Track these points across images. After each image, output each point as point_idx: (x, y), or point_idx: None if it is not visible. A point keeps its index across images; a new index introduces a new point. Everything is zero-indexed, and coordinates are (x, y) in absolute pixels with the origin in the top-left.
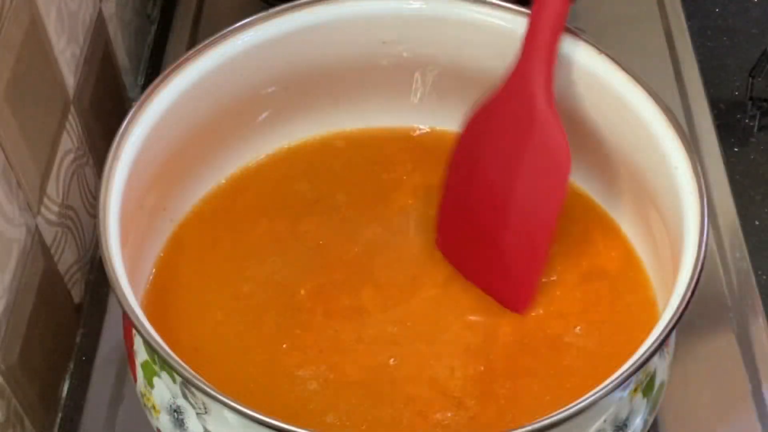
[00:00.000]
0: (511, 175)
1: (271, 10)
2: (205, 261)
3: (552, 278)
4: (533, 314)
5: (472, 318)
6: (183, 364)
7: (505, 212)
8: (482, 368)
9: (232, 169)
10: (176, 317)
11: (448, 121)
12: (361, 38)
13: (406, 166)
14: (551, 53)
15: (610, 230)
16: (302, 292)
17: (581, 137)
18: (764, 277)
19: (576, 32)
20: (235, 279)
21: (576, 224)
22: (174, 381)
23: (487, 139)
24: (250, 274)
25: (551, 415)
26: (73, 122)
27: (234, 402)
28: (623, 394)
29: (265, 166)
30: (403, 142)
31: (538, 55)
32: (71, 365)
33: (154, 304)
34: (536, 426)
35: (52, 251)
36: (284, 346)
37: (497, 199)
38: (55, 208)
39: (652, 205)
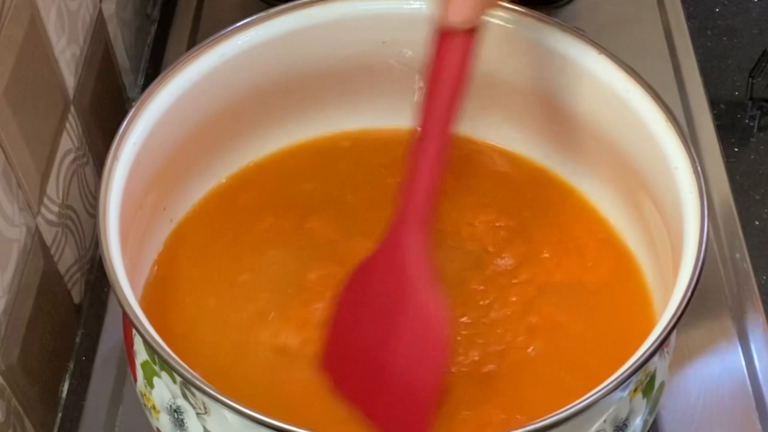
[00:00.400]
0: (391, 338)
1: (271, 10)
2: (205, 259)
3: (551, 280)
4: (533, 315)
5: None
6: (183, 364)
7: (388, 374)
8: (477, 358)
9: (232, 169)
10: (176, 316)
11: None
12: (361, 38)
13: None
14: (424, 222)
15: (609, 230)
16: (311, 276)
17: (581, 137)
18: (764, 277)
19: (576, 32)
20: (234, 272)
21: (574, 225)
22: (174, 381)
23: (367, 297)
24: (251, 267)
25: (551, 415)
26: (73, 122)
27: (234, 402)
28: (623, 394)
29: (268, 165)
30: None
31: (410, 218)
32: (71, 365)
33: (154, 304)
34: (536, 426)
35: (52, 251)
36: (284, 340)
37: (380, 357)
38: (55, 208)
39: (652, 205)
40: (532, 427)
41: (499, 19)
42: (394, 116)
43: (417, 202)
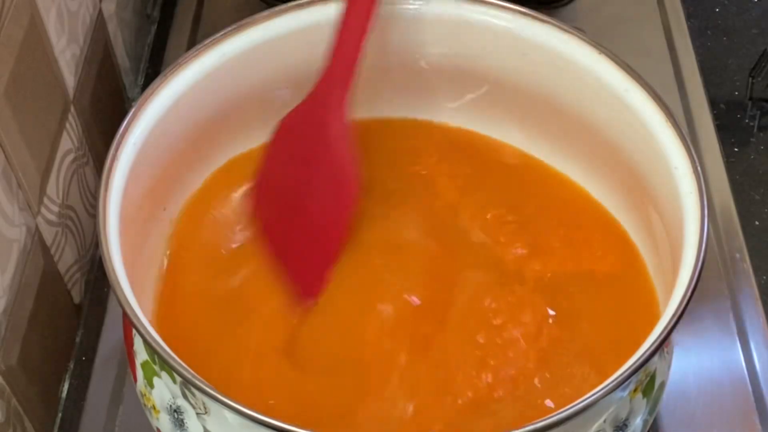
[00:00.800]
0: (306, 185)
1: (271, 10)
2: (205, 259)
3: (552, 276)
4: (533, 312)
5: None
6: (183, 364)
7: (302, 217)
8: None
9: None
10: (177, 316)
11: (453, 114)
12: None
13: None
14: (347, 81)
15: (611, 229)
16: None
17: (582, 137)
18: (764, 277)
19: (576, 32)
20: (234, 271)
21: (576, 223)
22: (174, 381)
23: (288, 148)
24: (251, 265)
25: (551, 415)
26: (73, 122)
27: (234, 402)
28: (623, 394)
29: None
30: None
31: (334, 80)
32: (71, 365)
33: (155, 303)
34: (536, 426)
35: (52, 251)
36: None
37: (297, 203)
38: (55, 208)
39: (652, 205)
40: (532, 427)
41: (499, 19)
42: (393, 112)
43: (342, 63)
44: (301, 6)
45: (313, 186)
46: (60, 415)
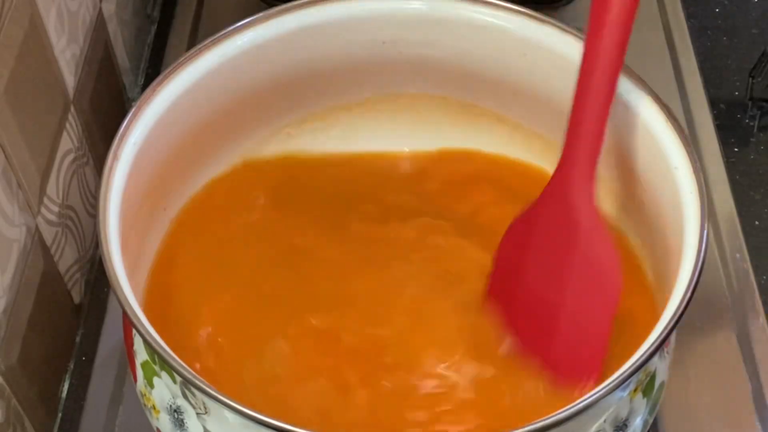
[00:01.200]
0: (557, 289)
1: (271, 10)
2: (205, 258)
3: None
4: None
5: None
6: (183, 364)
7: (555, 323)
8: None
9: (233, 168)
10: (176, 316)
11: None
12: (361, 38)
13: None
14: (595, 157)
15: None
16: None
17: None
18: (764, 277)
19: (576, 32)
20: (233, 270)
21: None
22: (174, 381)
23: (529, 251)
24: (250, 264)
25: (551, 415)
26: (73, 122)
27: (234, 402)
28: (623, 394)
29: (268, 164)
30: None
31: (579, 161)
32: (71, 365)
33: (154, 303)
34: (536, 426)
35: (52, 251)
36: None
37: (545, 310)
38: (55, 208)
39: (651, 205)
40: (532, 427)
41: (499, 19)
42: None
43: (585, 142)
44: (300, 6)
45: (568, 282)
46: (60, 415)
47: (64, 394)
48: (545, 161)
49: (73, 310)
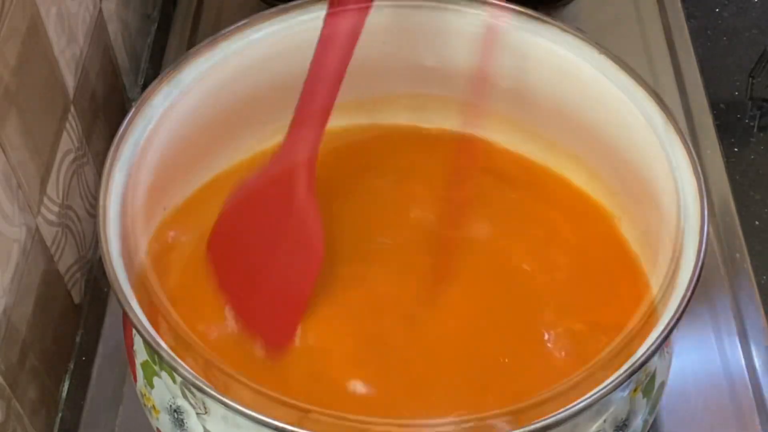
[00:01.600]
0: (269, 252)
1: (271, 10)
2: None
3: (552, 277)
4: (532, 313)
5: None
6: (183, 364)
7: (265, 283)
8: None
9: (233, 167)
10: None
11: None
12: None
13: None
14: (318, 136)
15: (610, 229)
16: None
17: (582, 137)
18: (764, 277)
19: (576, 32)
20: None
21: (577, 223)
22: (174, 381)
23: (249, 215)
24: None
25: (552, 414)
26: (73, 122)
27: (234, 402)
28: (623, 393)
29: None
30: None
31: (303, 138)
32: (71, 365)
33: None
34: (537, 426)
35: (52, 251)
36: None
37: (258, 271)
38: (55, 209)
39: (652, 205)
40: (532, 427)
41: (500, 20)
42: (389, 113)
43: (311, 118)
44: (301, 6)
45: (279, 245)
46: (60, 415)
47: (64, 394)
48: (545, 161)
49: (73, 310)
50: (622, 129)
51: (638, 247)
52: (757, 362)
